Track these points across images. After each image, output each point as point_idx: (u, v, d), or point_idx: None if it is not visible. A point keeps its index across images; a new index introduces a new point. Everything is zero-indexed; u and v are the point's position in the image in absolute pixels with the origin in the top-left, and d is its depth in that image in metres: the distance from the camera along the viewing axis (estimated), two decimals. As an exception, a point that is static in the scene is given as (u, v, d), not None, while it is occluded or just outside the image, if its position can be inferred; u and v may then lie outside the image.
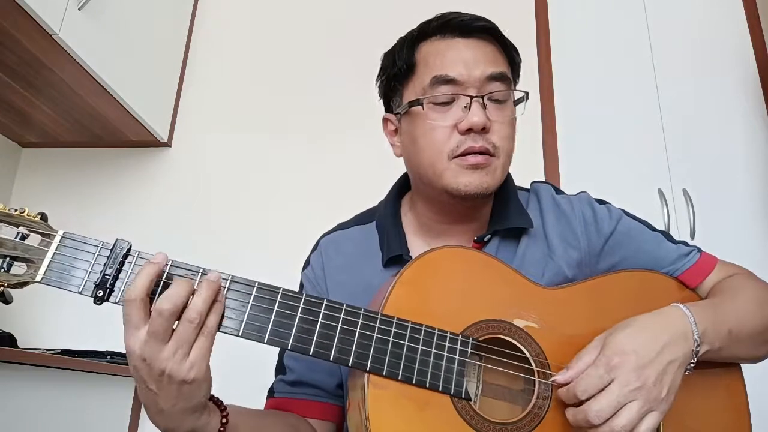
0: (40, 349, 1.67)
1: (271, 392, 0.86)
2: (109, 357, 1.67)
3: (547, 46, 2.02)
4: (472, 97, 0.77)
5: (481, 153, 0.77)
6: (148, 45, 2.02)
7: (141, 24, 1.97)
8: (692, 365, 0.69)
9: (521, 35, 0.94)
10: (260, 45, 2.30)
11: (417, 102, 0.79)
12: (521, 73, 0.87)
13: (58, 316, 1.98)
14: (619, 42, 2.02)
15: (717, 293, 0.80)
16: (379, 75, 0.89)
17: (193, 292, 0.60)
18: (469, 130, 0.76)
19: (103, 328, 1.92)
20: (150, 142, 2.14)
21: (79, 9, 1.62)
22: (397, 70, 0.84)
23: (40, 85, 1.77)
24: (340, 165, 2.06)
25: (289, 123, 2.15)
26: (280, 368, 0.87)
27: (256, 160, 2.12)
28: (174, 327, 0.59)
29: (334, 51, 2.23)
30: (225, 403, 0.67)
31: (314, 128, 2.13)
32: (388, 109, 0.89)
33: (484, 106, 0.77)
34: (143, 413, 1.84)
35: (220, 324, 0.61)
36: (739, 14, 1.97)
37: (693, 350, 0.68)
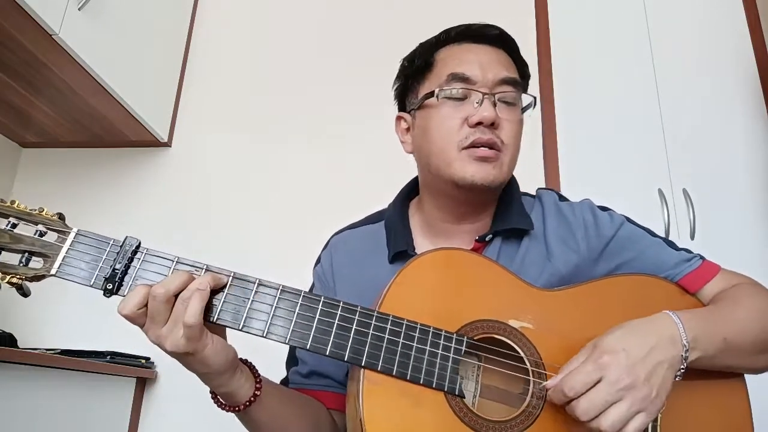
0: (40, 349, 1.67)
1: (286, 383, 0.89)
2: (109, 357, 1.67)
3: (547, 46, 2.02)
4: (484, 94, 0.81)
5: (489, 146, 0.80)
6: (148, 45, 2.02)
7: (141, 24, 1.97)
8: (682, 371, 0.69)
9: (521, 35, 0.95)
10: (260, 45, 2.30)
11: (432, 94, 0.83)
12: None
13: (58, 316, 1.98)
14: (619, 42, 2.02)
15: (717, 301, 0.80)
16: (397, 77, 0.94)
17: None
18: (478, 124, 0.80)
19: (103, 328, 1.92)
20: (150, 142, 2.14)
21: (79, 9, 1.62)
22: (415, 69, 0.89)
23: (40, 85, 1.77)
24: (339, 165, 2.06)
25: (289, 123, 2.15)
26: (293, 360, 0.90)
27: (256, 160, 2.12)
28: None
29: (334, 51, 2.23)
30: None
31: (314, 128, 2.13)
32: (402, 108, 0.94)
33: (494, 104, 0.81)
34: (143, 413, 1.85)
35: (211, 315, 0.65)
36: (739, 14, 1.97)
37: (682, 355, 0.68)
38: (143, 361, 1.82)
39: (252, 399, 0.71)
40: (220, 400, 0.72)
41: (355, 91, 2.15)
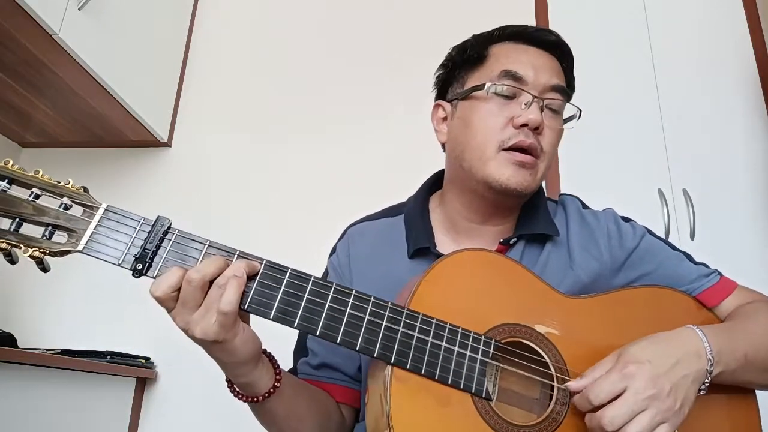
0: (40, 349, 1.67)
1: (294, 373, 0.88)
2: (109, 357, 1.67)
3: (547, 46, 2.01)
4: (534, 97, 0.80)
5: (529, 151, 0.79)
6: (148, 45, 2.02)
7: (141, 24, 1.97)
8: (706, 385, 0.69)
9: (521, 35, 0.94)
10: (260, 45, 2.30)
11: (481, 87, 0.82)
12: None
13: (58, 316, 1.98)
14: (619, 42, 2.02)
15: (735, 317, 0.80)
16: (442, 65, 0.92)
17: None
18: (523, 126, 0.79)
19: (103, 328, 1.93)
20: (150, 142, 2.14)
21: (79, 9, 1.62)
22: (465, 59, 0.87)
23: (40, 85, 1.77)
24: (339, 165, 2.06)
25: (289, 123, 2.15)
26: (302, 350, 0.89)
27: (256, 160, 2.12)
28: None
29: (334, 51, 2.23)
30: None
31: (314, 128, 2.13)
32: (442, 97, 0.93)
33: (541, 109, 0.80)
34: (143, 413, 1.85)
35: (242, 302, 0.63)
36: (739, 14, 1.96)
37: (707, 369, 0.68)
38: (143, 361, 1.82)
39: (271, 391, 0.70)
40: (237, 389, 0.71)
41: (355, 91, 2.15)
